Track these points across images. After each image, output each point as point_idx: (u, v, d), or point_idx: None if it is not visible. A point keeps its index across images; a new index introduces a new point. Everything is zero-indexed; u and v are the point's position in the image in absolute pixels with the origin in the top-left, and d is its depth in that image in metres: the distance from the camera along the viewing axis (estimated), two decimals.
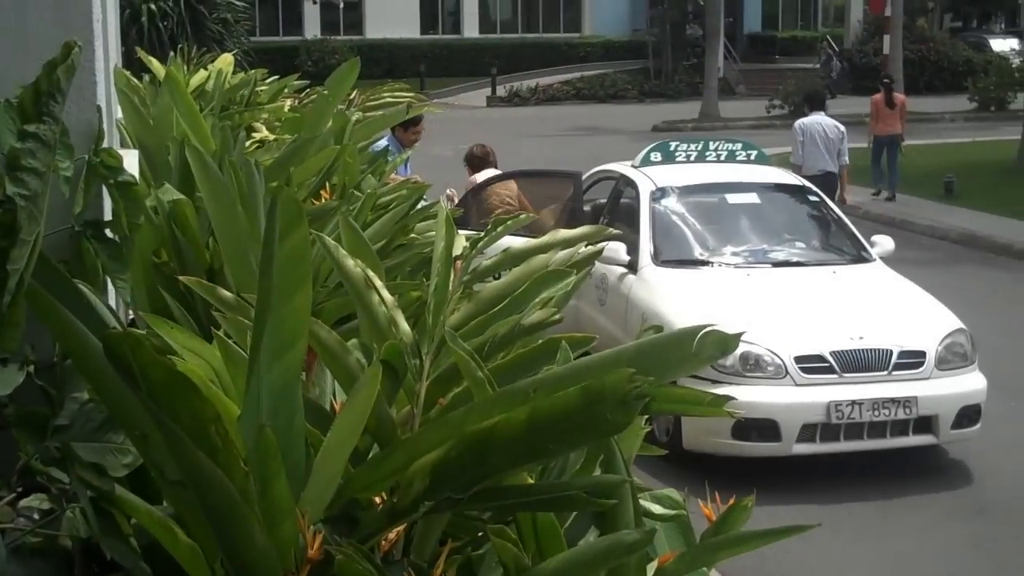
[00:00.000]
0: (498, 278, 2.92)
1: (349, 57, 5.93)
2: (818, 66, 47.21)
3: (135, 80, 6.04)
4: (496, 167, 12.66)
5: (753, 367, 9.03)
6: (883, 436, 9.12)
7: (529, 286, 2.73)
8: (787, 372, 9.04)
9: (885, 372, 9.20)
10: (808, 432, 8.97)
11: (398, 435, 2.30)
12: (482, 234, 3.09)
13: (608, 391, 1.93)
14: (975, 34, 57.14)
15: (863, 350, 9.24)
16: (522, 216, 3.45)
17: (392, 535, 2.21)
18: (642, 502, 2.48)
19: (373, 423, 2.24)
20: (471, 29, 52.53)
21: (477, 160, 12.72)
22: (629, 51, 50.51)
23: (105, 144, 3.17)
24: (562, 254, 3.01)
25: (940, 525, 8.50)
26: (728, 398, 2.53)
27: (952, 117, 38.46)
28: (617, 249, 10.31)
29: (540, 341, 2.54)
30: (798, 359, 9.09)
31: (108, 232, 3.05)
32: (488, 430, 1.99)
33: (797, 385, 9.03)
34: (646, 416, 2.65)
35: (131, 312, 4.26)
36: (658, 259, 10.55)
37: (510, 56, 49.62)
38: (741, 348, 8.67)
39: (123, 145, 5.08)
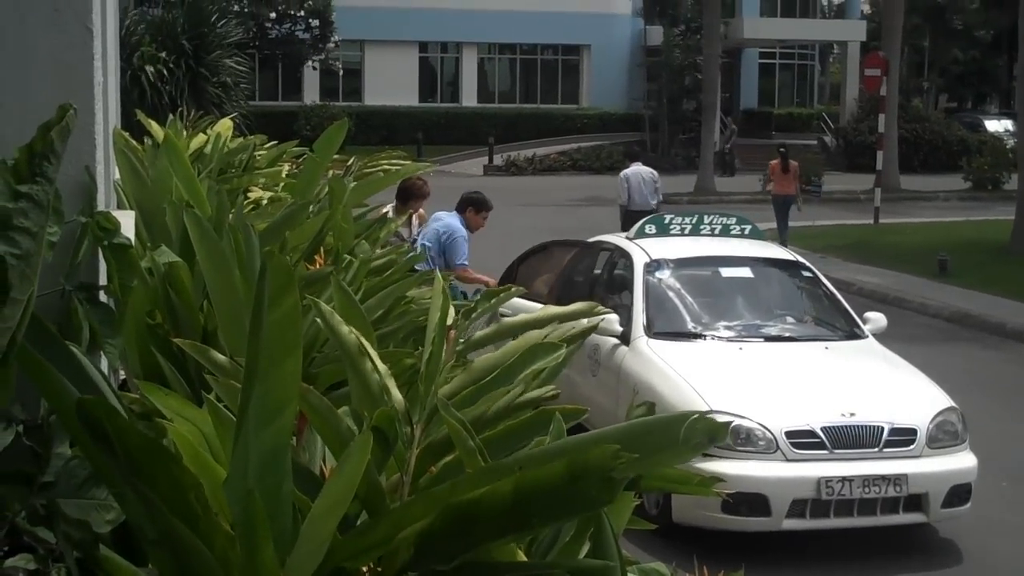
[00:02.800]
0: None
1: (348, 124, 5.97)
2: (721, 138, 47.35)
3: (133, 142, 6.07)
4: (424, 198, 12.22)
5: (744, 441, 8.95)
6: (873, 513, 9.03)
7: (520, 358, 2.74)
8: (778, 447, 8.96)
9: (876, 449, 9.14)
10: (798, 508, 8.89)
11: (387, 503, 2.29)
12: (474, 304, 3.10)
13: (592, 467, 1.93)
14: (970, 114, 57.56)
15: (854, 426, 9.18)
16: (514, 289, 3.46)
17: None
18: None
19: (363, 490, 2.23)
20: (470, 99, 52.87)
21: (403, 192, 11.81)
22: (626, 123, 50.80)
23: (102, 205, 3.19)
24: (559, 330, 3.02)
25: None
26: (717, 479, 2.53)
27: (946, 196, 38.64)
28: (610, 320, 10.23)
29: (531, 412, 2.55)
30: (789, 434, 9.02)
31: (102, 295, 3.06)
32: (474, 502, 1.99)
33: (787, 460, 8.96)
34: (635, 491, 2.65)
35: (123, 374, 4.26)
36: (651, 331, 10.48)
37: (508, 126, 49.89)
38: (733, 422, 8.64)
39: (120, 206, 5.11)
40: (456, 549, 2.04)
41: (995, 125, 51.92)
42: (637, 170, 22.22)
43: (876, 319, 11.13)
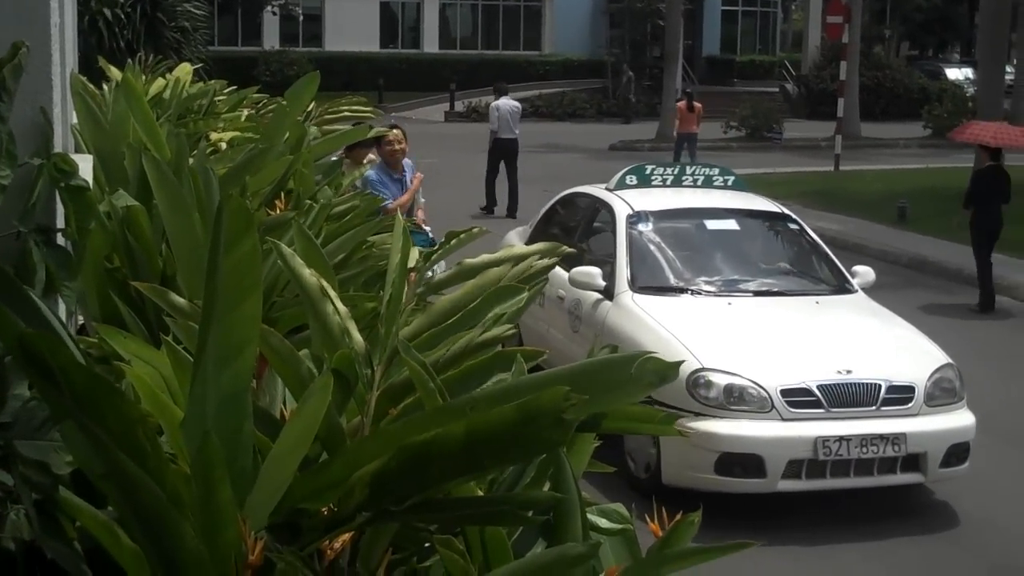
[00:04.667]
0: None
1: (308, 68, 5.95)
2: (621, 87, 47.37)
3: (91, 86, 6.01)
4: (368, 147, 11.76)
5: (737, 400, 8.67)
6: (870, 474, 8.77)
7: (482, 301, 2.74)
8: (773, 405, 8.66)
9: (873, 407, 8.88)
10: (794, 468, 8.60)
11: (347, 444, 2.30)
12: (435, 248, 3.10)
13: (543, 409, 1.94)
14: (931, 62, 57.71)
15: (851, 384, 8.90)
16: (475, 230, 3.46)
17: (338, 544, 2.21)
18: (589, 516, 2.49)
19: (323, 431, 2.24)
20: (431, 44, 52.56)
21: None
22: (588, 70, 50.64)
23: (59, 148, 3.16)
24: (516, 268, 3.01)
25: (922, 570, 8.25)
26: (677, 416, 2.54)
27: (906, 144, 38.78)
28: (592, 274, 10.09)
29: (491, 353, 2.55)
30: (784, 392, 8.72)
31: (59, 238, 3.03)
32: (427, 443, 2.00)
33: (783, 419, 8.66)
34: (596, 433, 2.66)
35: (82, 319, 4.24)
36: (635, 285, 10.13)
37: (469, 72, 49.63)
38: (725, 379, 8.68)
39: (78, 150, 5.06)
40: (410, 490, 2.05)
41: (956, 73, 52.07)
42: (506, 102, 24.37)
43: (864, 273, 10.86)
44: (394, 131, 11.65)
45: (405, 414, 2.42)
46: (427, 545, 2.41)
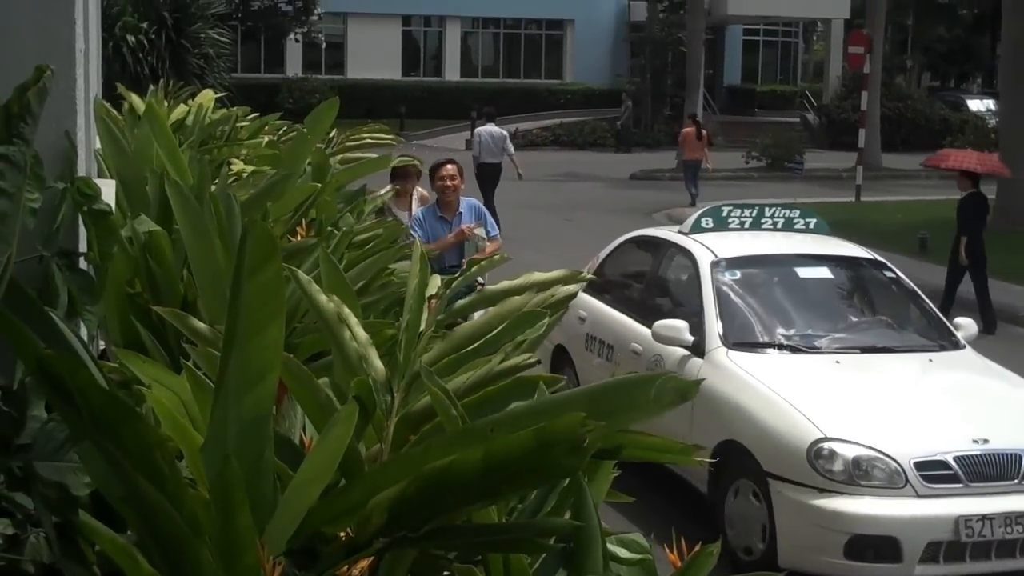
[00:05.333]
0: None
1: (329, 96, 5.95)
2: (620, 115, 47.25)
3: (115, 111, 6.04)
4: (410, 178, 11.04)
5: (866, 474, 7.67)
6: (1012, 556, 7.75)
7: (504, 328, 2.74)
8: (907, 480, 7.63)
9: (1015, 481, 7.83)
10: (932, 551, 7.60)
11: (366, 470, 2.29)
12: (456, 274, 3.10)
13: (560, 435, 1.93)
14: (952, 93, 57.60)
15: (990, 455, 7.85)
16: (496, 258, 3.46)
17: (356, 571, 2.20)
18: (609, 546, 2.48)
19: (342, 458, 2.23)
20: (452, 72, 52.71)
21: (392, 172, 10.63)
22: (609, 99, 50.67)
23: (83, 173, 3.17)
24: (539, 296, 3.00)
25: None
26: (698, 447, 2.52)
27: (927, 175, 38.63)
28: (678, 328, 9.06)
29: (511, 379, 2.55)
30: (918, 465, 7.68)
31: (81, 262, 3.04)
32: (444, 469, 1.99)
33: (919, 496, 7.64)
34: (615, 462, 2.65)
35: (103, 344, 4.25)
36: (728, 341, 9.00)
37: (490, 100, 49.44)
38: (851, 451, 7.75)
39: (100, 175, 5.09)
40: (427, 516, 2.05)
41: (977, 104, 51.95)
42: (489, 129, 24.96)
43: (967, 325, 9.87)
44: (448, 165, 10.59)
45: (423, 440, 2.41)
46: (446, 574, 2.40)
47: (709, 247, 10.01)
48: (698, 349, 9.06)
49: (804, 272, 10.22)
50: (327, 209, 5.23)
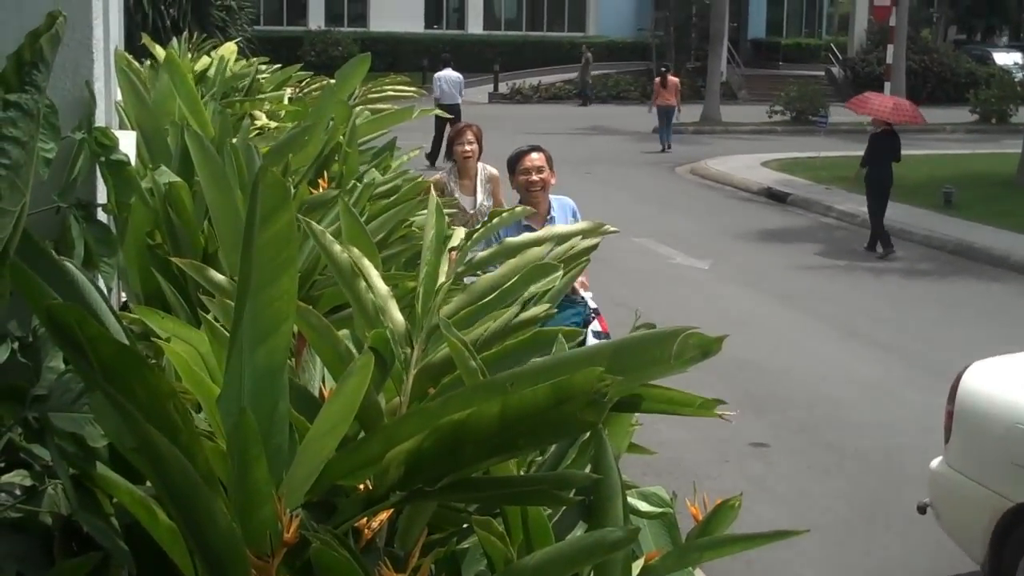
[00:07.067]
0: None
1: (352, 49, 5.94)
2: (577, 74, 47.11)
3: (136, 63, 6.02)
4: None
5: None
6: None
7: (518, 280, 2.72)
8: None
9: None
10: None
11: (384, 422, 2.28)
12: (479, 227, 3.08)
13: (578, 390, 1.91)
14: (979, 47, 57.13)
15: None
16: (518, 209, 3.43)
17: (375, 523, 2.19)
18: (629, 499, 2.46)
19: (360, 409, 2.22)
20: (475, 25, 52.49)
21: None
22: (633, 52, 50.47)
23: (102, 124, 3.15)
24: (559, 248, 2.98)
25: None
26: (719, 401, 2.50)
27: (953, 129, 38.44)
28: None
29: (530, 332, 2.53)
30: None
31: (99, 213, 3.03)
32: (461, 423, 1.98)
33: None
34: (636, 414, 2.63)
35: (123, 295, 4.25)
36: None
37: (513, 53, 49.56)
38: None
39: (121, 126, 5.07)
40: (444, 469, 2.03)
41: (1004, 58, 51.56)
42: (447, 73, 28.31)
43: None
44: (533, 154, 8.34)
45: (443, 393, 2.40)
46: (465, 526, 2.39)
47: None
48: None
49: None
50: (350, 162, 5.19)
